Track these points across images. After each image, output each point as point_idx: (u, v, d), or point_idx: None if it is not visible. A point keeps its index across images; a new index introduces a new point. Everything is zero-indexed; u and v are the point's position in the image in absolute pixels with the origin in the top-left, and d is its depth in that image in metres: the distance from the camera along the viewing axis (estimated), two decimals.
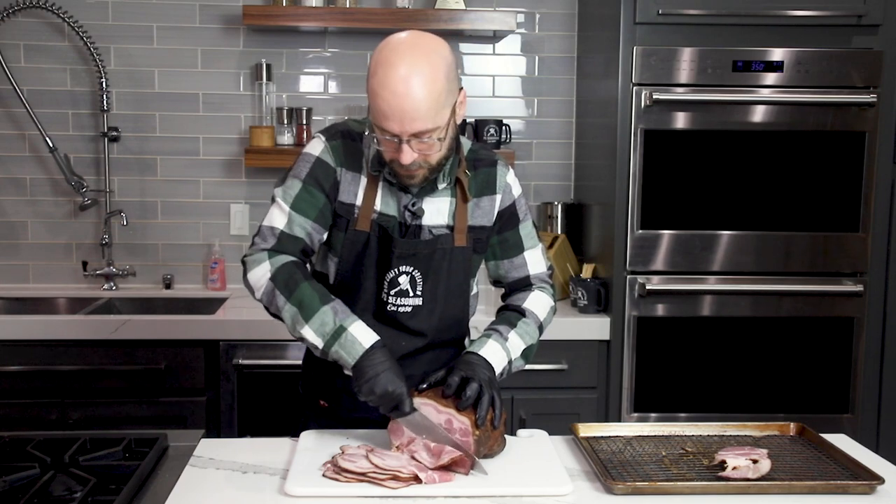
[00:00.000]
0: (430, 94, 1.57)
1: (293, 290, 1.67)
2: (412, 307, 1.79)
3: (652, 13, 2.75)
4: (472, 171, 1.82)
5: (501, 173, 1.85)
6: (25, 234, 3.32)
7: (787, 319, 2.85)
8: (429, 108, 1.58)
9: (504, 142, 3.28)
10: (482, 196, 1.82)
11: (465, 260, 1.82)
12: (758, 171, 2.80)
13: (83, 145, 3.30)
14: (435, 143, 1.63)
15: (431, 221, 1.79)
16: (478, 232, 1.83)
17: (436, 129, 1.61)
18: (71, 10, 3.17)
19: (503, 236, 1.88)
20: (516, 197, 1.87)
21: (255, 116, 3.31)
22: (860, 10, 2.78)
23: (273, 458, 1.72)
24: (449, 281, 1.81)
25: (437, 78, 1.58)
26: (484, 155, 1.86)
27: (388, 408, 1.63)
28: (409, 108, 1.57)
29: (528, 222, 1.91)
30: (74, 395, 2.72)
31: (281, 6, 3.13)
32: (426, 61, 1.58)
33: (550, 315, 1.93)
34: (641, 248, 2.82)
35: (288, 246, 1.73)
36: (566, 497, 1.56)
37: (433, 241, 1.77)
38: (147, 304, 3.22)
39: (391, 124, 1.59)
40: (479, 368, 1.72)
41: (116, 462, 1.63)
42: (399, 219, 1.77)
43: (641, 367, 2.84)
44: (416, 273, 1.78)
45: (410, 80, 1.56)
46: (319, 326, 1.65)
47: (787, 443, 1.83)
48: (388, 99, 1.57)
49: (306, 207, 1.74)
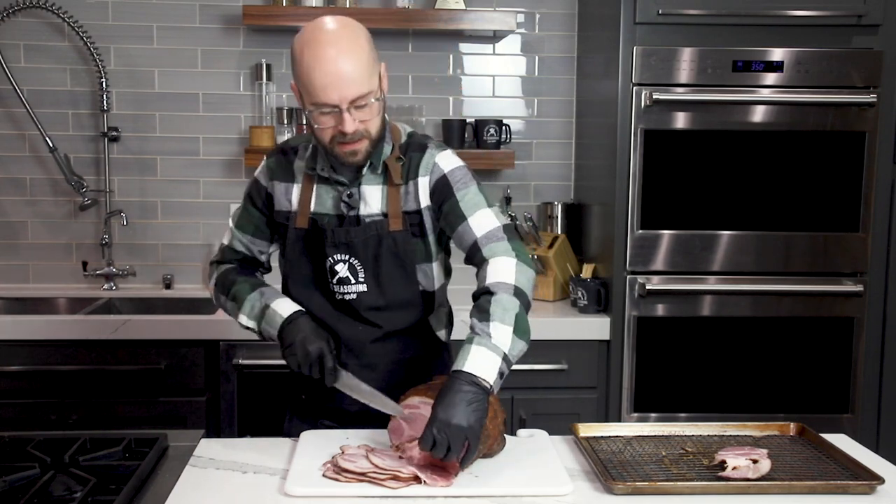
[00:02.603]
0: (360, 59, 1.70)
1: (229, 288, 1.94)
2: (357, 293, 1.86)
3: (652, 13, 2.75)
4: (404, 157, 1.86)
5: (429, 155, 1.86)
6: (25, 234, 3.32)
7: (787, 319, 2.85)
8: (362, 71, 1.69)
9: (504, 142, 3.28)
10: (410, 181, 1.85)
11: (404, 243, 1.85)
12: (758, 171, 2.80)
13: (83, 145, 3.30)
14: (373, 105, 1.73)
15: (367, 211, 1.86)
16: (412, 216, 1.86)
17: (370, 92, 1.72)
18: (71, 10, 3.17)
19: (444, 210, 1.84)
20: (446, 171, 1.84)
21: (255, 116, 3.31)
22: (860, 10, 2.78)
23: (273, 458, 1.72)
24: (390, 265, 1.85)
25: (361, 44, 1.72)
26: (417, 140, 1.90)
27: (316, 368, 1.76)
28: (344, 73, 1.68)
29: (466, 190, 1.83)
30: (74, 395, 2.72)
31: (281, 6, 3.13)
32: (347, 32, 1.73)
33: (522, 270, 1.74)
34: (641, 248, 2.82)
35: (228, 256, 2.01)
36: (566, 497, 1.56)
37: (366, 227, 1.84)
38: (147, 304, 3.22)
39: (331, 94, 1.69)
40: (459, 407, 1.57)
41: (116, 462, 1.64)
42: (336, 212, 1.86)
43: (641, 367, 2.84)
44: (355, 261, 1.84)
45: (340, 50, 1.69)
46: (250, 310, 1.89)
47: (787, 443, 1.83)
48: (324, 70, 1.68)
49: (244, 224, 1.97)
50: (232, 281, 1.95)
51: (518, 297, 1.71)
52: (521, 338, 1.68)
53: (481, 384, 1.60)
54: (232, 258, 2.01)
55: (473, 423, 1.57)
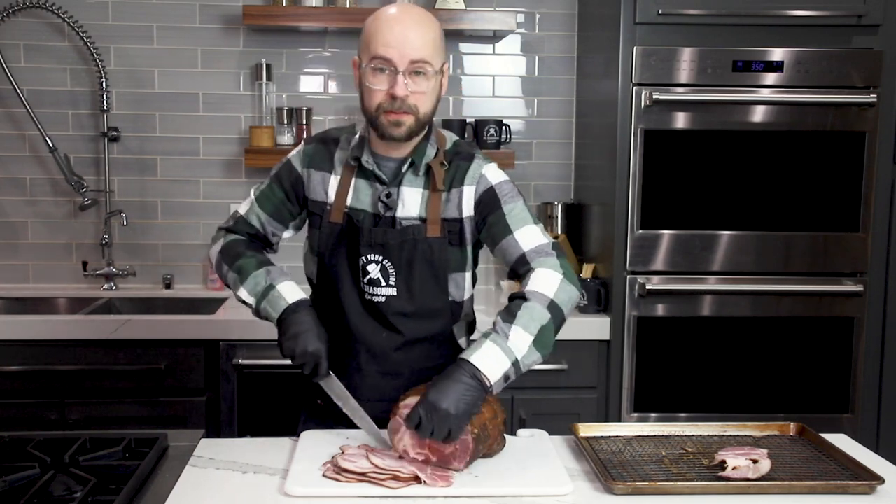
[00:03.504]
0: (428, 32, 1.73)
1: (235, 260, 1.88)
2: (386, 297, 1.82)
3: (652, 13, 2.75)
4: (449, 164, 1.84)
5: (477, 165, 1.84)
6: (25, 234, 3.32)
7: (787, 319, 2.85)
8: (426, 42, 1.71)
9: (504, 142, 3.28)
10: (453, 188, 1.83)
11: (440, 251, 1.81)
12: (758, 171, 2.80)
13: (83, 145, 3.30)
14: (430, 78, 1.73)
15: (404, 213, 1.82)
16: (451, 224, 1.82)
17: (431, 64, 1.72)
18: (71, 10, 3.17)
19: (489, 222, 1.82)
20: (494, 183, 1.83)
21: (255, 116, 3.31)
22: (860, 10, 2.78)
23: (273, 458, 1.72)
24: (423, 272, 1.82)
25: (433, 25, 1.75)
26: (464, 149, 1.87)
27: (309, 368, 1.75)
28: (411, 36, 1.70)
29: (514, 204, 1.82)
30: (74, 395, 2.72)
31: (281, 6, 3.13)
32: (421, 12, 1.78)
33: (565, 288, 1.74)
34: (641, 248, 2.82)
35: (241, 227, 1.94)
36: (566, 497, 1.56)
37: (403, 231, 1.81)
38: (147, 304, 3.22)
39: (391, 51, 1.70)
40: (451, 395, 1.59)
41: (116, 462, 1.64)
42: (372, 210, 1.83)
43: (641, 367, 2.84)
44: (388, 263, 1.81)
45: (413, 19, 1.73)
46: (253, 287, 1.83)
47: (787, 443, 1.83)
48: (392, 27, 1.71)
49: (265, 201, 1.92)
50: (239, 253, 1.88)
51: (552, 310, 1.70)
52: (539, 350, 1.67)
53: (482, 380, 1.61)
54: (244, 230, 1.94)
55: (461, 414, 1.58)
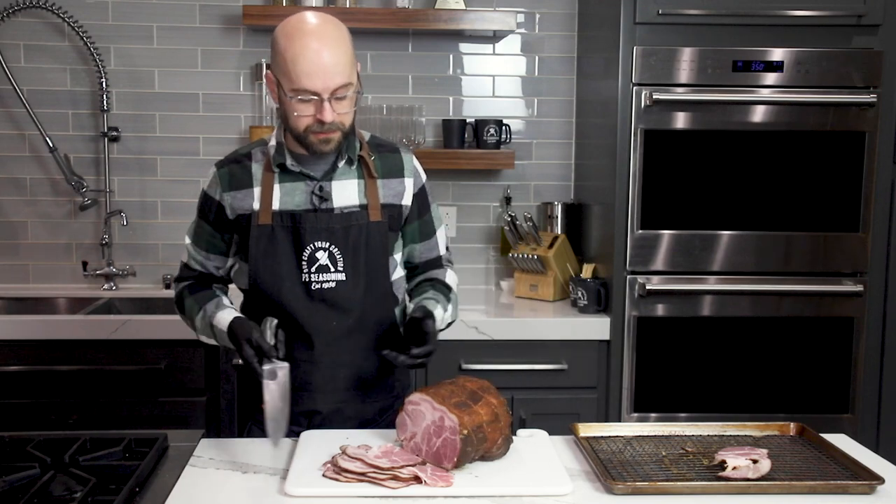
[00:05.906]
0: (343, 52, 1.77)
1: (183, 310, 2.00)
2: (336, 282, 1.89)
3: (652, 13, 2.75)
4: (376, 154, 1.96)
5: (407, 159, 1.99)
6: (25, 234, 3.32)
7: (787, 319, 2.85)
8: (345, 64, 1.77)
9: (504, 142, 3.28)
10: (390, 178, 1.95)
11: (382, 234, 1.91)
12: (758, 171, 2.80)
13: (83, 145, 3.30)
14: (351, 98, 1.80)
15: (342, 203, 1.90)
16: (390, 209, 1.94)
17: (351, 84, 1.79)
18: (71, 10, 3.17)
19: (423, 219, 2.02)
20: (424, 181, 2.02)
21: (255, 116, 3.31)
22: (860, 10, 2.78)
23: (273, 458, 1.72)
24: (368, 255, 1.90)
25: (344, 39, 1.79)
26: (385, 142, 2.02)
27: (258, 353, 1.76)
28: (329, 63, 1.74)
29: (434, 205, 2.05)
30: (74, 395, 2.72)
31: (281, 6, 3.13)
32: (331, 27, 1.79)
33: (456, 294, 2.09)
34: (641, 248, 2.82)
35: (186, 273, 2.03)
36: (566, 497, 1.56)
37: (347, 216, 1.88)
38: (147, 304, 3.22)
39: (315, 82, 1.75)
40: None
41: (116, 462, 1.64)
42: (306, 206, 1.88)
43: (641, 367, 2.84)
44: (335, 249, 1.87)
45: (326, 42, 1.75)
46: (203, 329, 1.94)
47: (787, 443, 1.83)
48: (310, 59, 1.74)
49: (198, 239, 1.99)
50: (184, 302, 1.99)
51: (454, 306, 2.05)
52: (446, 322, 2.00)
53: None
54: (188, 275, 2.03)
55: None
